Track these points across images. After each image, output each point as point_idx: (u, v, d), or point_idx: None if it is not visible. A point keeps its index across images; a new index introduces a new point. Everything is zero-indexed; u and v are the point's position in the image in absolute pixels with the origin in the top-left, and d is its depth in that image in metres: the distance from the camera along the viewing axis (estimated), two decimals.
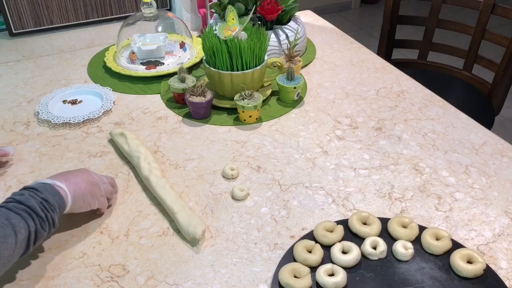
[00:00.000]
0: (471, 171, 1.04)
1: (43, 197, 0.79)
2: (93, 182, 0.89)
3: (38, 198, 0.78)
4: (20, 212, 0.75)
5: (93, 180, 0.89)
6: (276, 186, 1.00)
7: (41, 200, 0.78)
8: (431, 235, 0.85)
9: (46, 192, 0.80)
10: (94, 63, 1.48)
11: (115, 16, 1.76)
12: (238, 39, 1.17)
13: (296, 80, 1.24)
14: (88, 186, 0.87)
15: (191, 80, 1.24)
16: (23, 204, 0.76)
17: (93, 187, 0.88)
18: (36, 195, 0.78)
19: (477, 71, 1.84)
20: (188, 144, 1.13)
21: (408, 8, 4.01)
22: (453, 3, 1.80)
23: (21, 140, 1.15)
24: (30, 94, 1.33)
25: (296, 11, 1.44)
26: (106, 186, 0.93)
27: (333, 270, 0.80)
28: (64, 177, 0.85)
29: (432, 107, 1.25)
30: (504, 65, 1.68)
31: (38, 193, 0.79)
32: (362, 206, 0.96)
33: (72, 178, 0.86)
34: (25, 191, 0.79)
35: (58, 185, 0.83)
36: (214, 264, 0.84)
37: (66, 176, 0.86)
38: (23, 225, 0.74)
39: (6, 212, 0.74)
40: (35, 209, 0.77)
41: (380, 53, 1.94)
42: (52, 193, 0.81)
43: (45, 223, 0.78)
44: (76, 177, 0.87)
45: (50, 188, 0.81)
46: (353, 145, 1.12)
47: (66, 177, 0.85)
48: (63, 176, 0.86)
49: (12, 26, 1.64)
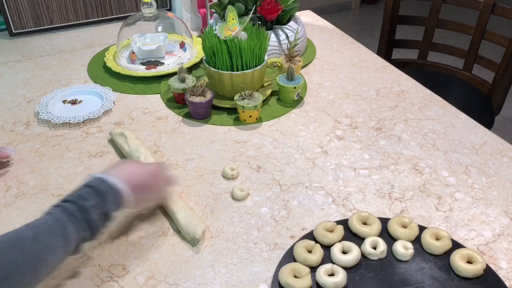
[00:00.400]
0: (471, 171, 1.04)
1: (105, 211, 0.76)
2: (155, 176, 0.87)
3: (100, 210, 0.75)
4: (79, 221, 0.73)
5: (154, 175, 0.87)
6: (276, 186, 1.00)
7: (103, 212, 0.76)
8: (431, 235, 0.85)
9: (112, 204, 0.77)
10: (94, 63, 1.48)
11: (115, 16, 1.76)
12: (238, 39, 1.17)
13: (296, 80, 1.24)
14: (149, 181, 0.85)
15: (191, 80, 1.24)
16: (85, 213, 0.73)
17: (155, 181, 0.87)
18: (101, 205, 0.75)
19: (477, 71, 1.84)
20: (188, 144, 1.13)
21: (408, 8, 4.01)
22: (453, 3, 1.80)
23: (21, 140, 1.15)
24: (30, 94, 1.33)
25: (296, 11, 1.44)
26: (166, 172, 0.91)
27: (333, 270, 0.80)
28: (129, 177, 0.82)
29: (432, 107, 1.25)
30: (504, 65, 1.67)
31: (104, 203, 0.76)
32: (362, 206, 0.96)
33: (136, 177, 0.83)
34: (92, 195, 0.76)
35: (125, 192, 0.79)
36: (214, 264, 0.84)
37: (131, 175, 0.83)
38: (75, 236, 0.72)
39: (65, 219, 0.72)
40: (93, 222, 0.74)
41: (380, 53, 1.94)
42: (116, 202, 0.78)
43: (96, 235, 0.76)
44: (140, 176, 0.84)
45: (116, 196, 0.78)
46: (353, 145, 1.12)
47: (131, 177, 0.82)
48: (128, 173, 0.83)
49: (12, 26, 1.64)
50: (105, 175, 0.79)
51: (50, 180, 1.03)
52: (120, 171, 0.83)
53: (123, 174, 0.82)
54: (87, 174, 0.81)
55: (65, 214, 0.72)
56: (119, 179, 0.80)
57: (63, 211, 0.73)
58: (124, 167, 0.85)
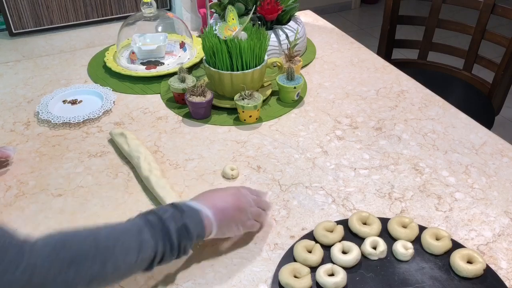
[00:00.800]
0: (471, 171, 1.04)
1: (184, 223, 0.74)
2: (240, 208, 0.83)
3: (179, 223, 0.74)
4: (156, 230, 0.72)
5: (240, 205, 0.83)
6: (276, 186, 1.00)
7: (181, 225, 0.74)
8: (431, 235, 0.85)
9: (191, 218, 0.75)
10: (94, 63, 1.48)
11: (115, 16, 1.76)
12: (238, 39, 1.17)
13: (296, 80, 1.24)
14: (235, 213, 0.82)
15: (191, 80, 1.24)
16: (163, 222, 0.73)
17: (240, 214, 0.83)
18: (180, 218, 0.74)
19: (477, 71, 1.84)
20: (188, 144, 1.13)
21: (408, 8, 4.01)
22: (453, 3, 1.80)
23: (21, 140, 1.15)
24: (30, 94, 1.33)
25: (296, 11, 1.44)
26: (254, 209, 0.86)
27: (333, 270, 0.80)
28: (212, 202, 0.80)
29: (432, 107, 1.25)
30: (504, 65, 1.67)
31: (182, 217, 0.75)
32: (362, 206, 0.96)
33: (220, 203, 0.81)
34: (171, 208, 0.76)
35: (205, 213, 0.78)
36: (214, 264, 0.84)
37: (213, 200, 0.81)
38: (151, 244, 0.71)
39: (142, 225, 0.72)
40: (170, 233, 0.72)
41: (380, 53, 1.94)
42: (196, 221, 0.76)
43: (175, 250, 0.73)
44: (224, 202, 0.81)
45: (196, 215, 0.77)
46: (353, 145, 1.12)
47: (214, 202, 0.80)
48: (210, 199, 0.81)
49: (12, 26, 1.64)
50: (187, 201, 0.80)
51: (50, 180, 1.03)
52: (209, 197, 0.82)
53: (211, 201, 0.80)
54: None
55: (143, 221, 0.72)
56: (205, 204, 0.79)
57: (141, 219, 0.73)
58: (216, 193, 0.84)
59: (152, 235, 0.71)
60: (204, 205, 0.79)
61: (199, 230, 0.76)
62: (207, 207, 0.79)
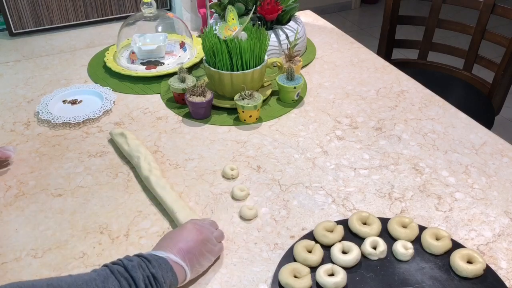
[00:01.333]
0: (471, 171, 1.04)
1: (152, 273, 0.72)
2: (204, 240, 0.81)
3: (146, 271, 0.72)
4: (121, 280, 0.69)
5: (204, 237, 0.81)
6: (276, 186, 1.00)
7: (148, 274, 0.71)
8: (431, 235, 0.85)
9: (158, 268, 0.73)
10: (94, 63, 1.48)
11: (115, 16, 1.76)
12: (238, 39, 1.17)
13: (296, 80, 1.24)
14: (201, 247, 0.80)
15: (191, 80, 1.24)
16: (128, 272, 0.71)
17: (206, 245, 0.81)
18: (146, 267, 0.72)
19: (477, 71, 1.84)
20: (188, 144, 1.13)
21: (408, 8, 4.01)
22: (453, 3, 1.80)
23: (21, 140, 1.15)
24: (30, 94, 1.33)
25: (296, 11, 1.44)
26: (216, 233, 0.84)
27: (333, 270, 0.80)
28: (176, 246, 0.78)
29: (432, 107, 1.25)
30: (504, 65, 1.67)
31: (149, 266, 0.72)
32: (362, 206, 0.96)
33: (184, 244, 0.78)
34: (137, 258, 0.74)
35: (174, 260, 0.76)
36: (214, 264, 0.84)
37: (177, 244, 0.78)
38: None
39: (107, 275, 0.70)
40: (137, 281, 0.70)
41: (380, 53, 1.94)
42: (165, 269, 0.74)
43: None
44: (188, 241, 0.79)
45: (164, 263, 0.74)
46: (353, 145, 1.12)
47: (178, 246, 0.78)
48: (173, 243, 0.78)
49: (12, 26, 1.64)
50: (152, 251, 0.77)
51: (50, 180, 1.03)
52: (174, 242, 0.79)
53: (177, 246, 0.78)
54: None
55: (108, 271, 0.71)
56: (171, 251, 0.77)
57: (106, 268, 0.71)
58: (177, 235, 0.80)
59: (118, 286, 0.69)
60: (169, 252, 0.76)
61: (170, 277, 0.74)
62: (173, 254, 0.76)
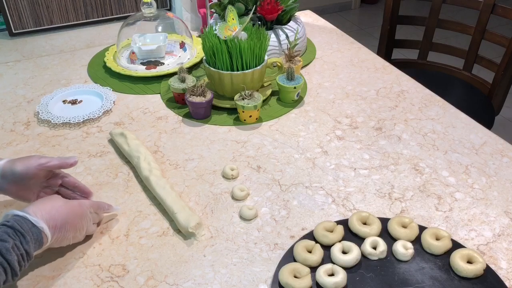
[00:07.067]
0: (471, 171, 1.04)
1: (25, 249, 0.73)
2: (82, 215, 0.83)
3: (21, 250, 0.72)
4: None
5: (82, 211, 0.84)
6: (276, 186, 1.00)
7: (22, 252, 0.73)
8: (431, 235, 0.85)
9: (31, 241, 0.74)
10: (94, 63, 1.48)
11: (115, 16, 1.76)
12: (238, 39, 1.17)
13: (296, 80, 1.24)
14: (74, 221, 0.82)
15: (191, 80, 1.24)
16: (2, 256, 0.70)
17: (82, 220, 0.83)
18: (21, 244, 0.72)
19: (477, 71, 1.84)
20: (188, 144, 1.13)
21: (408, 8, 4.01)
22: (453, 3, 1.80)
23: (21, 140, 1.15)
24: (30, 94, 1.33)
25: (296, 11, 1.44)
26: (94, 215, 0.87)
27: (333, 270, 0.80)
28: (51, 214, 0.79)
29: (432, 107, 1.25)
30: (504, 65, 1.67)
31: (23, 243, 0.73)
32: (362, 206, 0.96)
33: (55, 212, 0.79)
34: (13, 234, 0.73)
35: (46, 233, 0.76)
36: (214, 264, 0.84)
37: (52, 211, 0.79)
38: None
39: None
40: (12, 265, 0.71)
41: (380, 53, 1.94)
42: (37, 240, 0.75)
43: (17, 276, 0.72)
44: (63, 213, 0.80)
45: (36, 233, 0.75)
46: (353, 145, 1.12)
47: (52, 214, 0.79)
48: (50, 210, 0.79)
49: (12, 26, 1.64)
50: (26, 213, 0.76)
51: None
52: (43, 208, 0.79)
53: (46, 212, 0.78)
54: (6, 213, 0.77)
55: None
56: (40, 217, 0.77)
57: None
58: (47, 203, 0.81)
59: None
60: (44, 219, 0.77)
61: (37, 248, 0.76)
62: (46, 223, 0.77)
